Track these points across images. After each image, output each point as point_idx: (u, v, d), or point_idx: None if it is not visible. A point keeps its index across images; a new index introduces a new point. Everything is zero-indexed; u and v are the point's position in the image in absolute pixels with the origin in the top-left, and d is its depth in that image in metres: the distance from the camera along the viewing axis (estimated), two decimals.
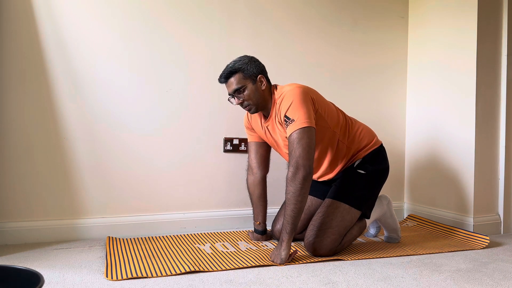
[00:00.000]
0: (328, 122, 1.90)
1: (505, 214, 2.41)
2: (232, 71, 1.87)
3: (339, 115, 1.99)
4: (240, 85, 1.87)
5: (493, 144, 2.40)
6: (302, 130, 1.74)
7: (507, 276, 1.65)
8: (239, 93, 1.88)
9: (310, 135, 1.75)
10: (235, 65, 1.87)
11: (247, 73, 1.87)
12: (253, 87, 1.88)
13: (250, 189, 2.15)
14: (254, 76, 1.88)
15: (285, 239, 1.75)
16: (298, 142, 1.73)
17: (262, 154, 2.12)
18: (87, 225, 2.16)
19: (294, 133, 1.74)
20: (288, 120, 1.77)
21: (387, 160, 2.07)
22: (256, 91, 1.89)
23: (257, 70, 1.89)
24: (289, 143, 1.77)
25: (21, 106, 2.07)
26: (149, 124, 2.27)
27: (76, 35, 2.14)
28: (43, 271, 1.60)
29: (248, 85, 1.87)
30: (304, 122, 1.74)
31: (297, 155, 1.72)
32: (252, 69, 1.88)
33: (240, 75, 1.87)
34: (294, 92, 1.81)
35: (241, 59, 1.90)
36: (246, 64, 1.88)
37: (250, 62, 1.89)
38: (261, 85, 1.90)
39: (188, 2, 2.33)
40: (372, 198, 2.00)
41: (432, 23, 2.61)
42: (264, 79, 1.90)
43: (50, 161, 2.11)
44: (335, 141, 1.95)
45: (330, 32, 2.61)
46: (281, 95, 1.85)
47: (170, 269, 1.66)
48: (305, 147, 1.72)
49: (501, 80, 2.39)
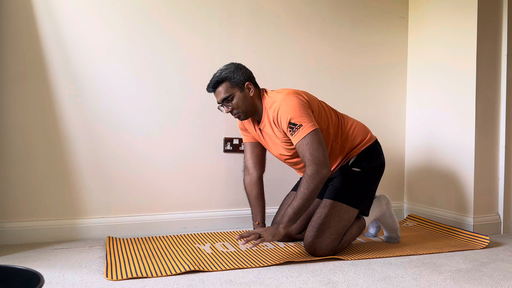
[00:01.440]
0: (321, 123, 1.91)
1: (505, 214, 2.41)
2: (219, 81, 1.87)
3: (331, 114, 1.99)
4: (228, 94, 1.87)
5: (493, 144, 2.39)
6: (314, 132, 1.77)
7: (507, 276, 1.65)
8: (227, 102, 1.89)
9: (321, 136, 1.79)
10: (222, 74, 1.87)
11: (234, 82, 1.87)
12: (241, 95, 1.88)
13: (247, 190, 2.15)
14: (241, 83, 1.88)
15: (285, 225, 1.76)
16: (318, 143, 1.76)
17: (257, 154, 2.12)
18: (87, 225, 2.16)
19: (307, 137, 1.76)
20: (294, 126, 1.78)
21: (382, 155, 2.07)
22: (245, 99, 1.89)
23: (244, 78, 1.89)
24: (301, 146, 1.77)
25: (21, 106, 2.07)
26: (149, 124, 2.28)
27: (76, 35, 2.14)
28: (43, 271, 1.60)
29: (236, 93, 1.88)
30: (312, 126, 1.77)
31: (320, 155, 1.75)
32: (238, 76, 1.87)
33: (227, 84, 1.87)
34: (290, 99, 1.81)
35: (228, 67, 1.89)
36: (232, 73, 1.87)
37: (236, 70, 1.89)
38: (249, 92, 1.90)
39: (188, 2, 2.33)
40: (370, 195, 2.01)
41: (432, 23, 2.61)
42: (252, 85, 1.90)
43: (50, 161, 2.11)
44: (329, 141, 1.96)
45: (330, 32, 2.61)
46: (275, 103, 1.84)
47: (170, 269, 1.66)
48: (324, 147, 1.78)
49: (501, 80, 2.39)
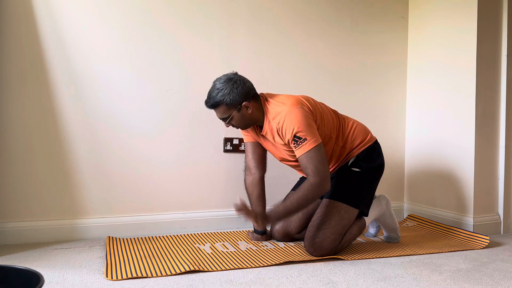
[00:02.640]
0: (324, 129, 1.91)
1: (505, 214, 2.41)
2: (214, 104, 1.85)
3: (333, 117, 1.99)
4: (225, 115, 1.87)
5: (493, 144, 2.39)
6: (317, 147, 1.78)
7: (507, 276, 1.65)
8: (225, 120, 1.89)
9: (322, 150, 1.81)
10: (217, 97, 1.82)
11: (230, 104, 1.83)
12: (238, 115, 1.86)
13: (249, 190, 2.14)
14: (238, 104, 1.84)
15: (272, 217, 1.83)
16: (322, 158, 1.79)
17: (259, 153, 2.11)
18: (87, 225, 2.16)
19: (312, 151, 1.78)
20: (298, 139, 1.78)
21: (382, 156, 2.06)
22: (242, 117, 1.87)
23: (241, 97, 1.82)
24: (305, 159, 1.79)
25: (21, 106, 2.07)
26: (149, 124, 2.28)
27: (76, 35, 2.14)
28: (43, 271, 1.60)
29: (233, 114, 1.86)
30: (316, 140, 1.79)
31: (325, 170, 1.79)
32: (234, 98, 1.82)
33: (223, 107, 1.84)
34: (295, 113, 1.79)
35: (223, 87, 1.82)
36: (228, 95, 1.81)
37: (232, 90, 1.81)
38: (247, 110, 1.86)
39: (188, 2, 2.33)
40: (369, 195, 2.01)
41: (432, 23, 2.61)
42: (250, 104, 1.85)
43: (50, 161, 2.11)
44: (331, 145, 1.96)
45: (329, 32, 2.61)
46: (279, 116, 1.82)
47: (170, 269, 1.66)
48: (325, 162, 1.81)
49: (501, 80, 2.39)
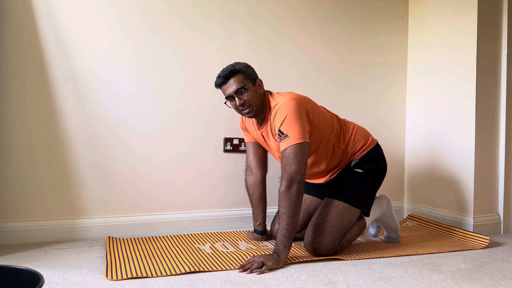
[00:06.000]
0: (322, 130, 1.90)
1: (505, 214, 2.41)
2: (233, 71, 1.84)
3: (333, 121, 1.98)
4: (242, 84, 1.83)
5: (493, 144, 2.39)
6: (297, 146, 1.73)
7: (507, 276, 1.65)
8: (240, 94, 1.84)
9: (304, 150, 1.75)
10: (236, 67, 1.86)
11: (247, 75, 1.86)
12: (253, 88, 1.87)
13: (250, 190, 2.15)
14: (254, 78, 1.88)
15: (283, 252, 1.71)
16: (294, 158, 1.73)
17: (261, 154, 2.12)
18: (87, 225, 2.16)
19: (289, 149, 1.74)
20: (282, 135, 1.76)
21: (384, 158, 2.06)
22: (256, 93, 1.88)
23: (255, 74, 1.91)
24: (282, 157, 1.76)
25: (21, 106, 2.07)
26: (149, 124, 2.27)
27: (76, 35, 2.14)
28: (43, 271, 1.60)
29: (249, 85, 1.86)
30: (298, 138, 1.74)
31: (292, 170, 1.72)
32: (251, 71, 1.89)
33: (241, 75, 1.85)
34: (288, 106, 1.78)
35: (239, 63, 1.89)
36: (246, 67, 1.87)
37: (248, 66, 1.90)
38: (259, 89, 1.90)
39: (188, 3, 2.33)
40: (371, 196, 2.01)
41: (432, 23, 2.61)
42: (261, 84, 1.91)
43: (50, 161, 2.11)
44: (330, 148, 1.96)
45: (329, 33, 2.61)
46: (276, 106, 1.83)
47: (170, 269, 1.66)
48: (299, 162, 1.73)
49: (501, 80, 2.39)
